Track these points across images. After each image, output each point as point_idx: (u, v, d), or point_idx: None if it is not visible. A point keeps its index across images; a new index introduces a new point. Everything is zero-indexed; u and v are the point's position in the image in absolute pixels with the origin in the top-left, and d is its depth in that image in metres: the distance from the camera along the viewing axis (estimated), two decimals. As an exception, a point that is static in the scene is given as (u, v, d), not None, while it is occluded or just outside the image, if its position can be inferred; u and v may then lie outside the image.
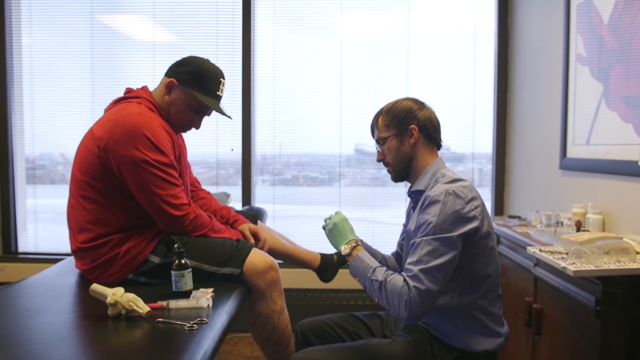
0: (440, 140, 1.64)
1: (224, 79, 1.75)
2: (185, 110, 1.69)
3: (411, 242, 1.46)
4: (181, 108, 1.69)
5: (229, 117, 1.79)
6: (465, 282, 1.47)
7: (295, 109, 3.27)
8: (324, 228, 1.64)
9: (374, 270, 1.46)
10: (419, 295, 1.36)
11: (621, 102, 1.97)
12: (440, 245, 1.38)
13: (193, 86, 1.67)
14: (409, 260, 1.43)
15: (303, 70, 3.24)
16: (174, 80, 1.68)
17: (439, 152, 1.66)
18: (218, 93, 1.73)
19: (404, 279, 1.39)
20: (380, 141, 1.61)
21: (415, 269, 1.38)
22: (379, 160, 1.64)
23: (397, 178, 1.64)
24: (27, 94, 3.31)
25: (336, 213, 1.64)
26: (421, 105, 1.62)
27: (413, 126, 1.57)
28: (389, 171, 1.64)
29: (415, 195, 1.59)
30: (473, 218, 1.41)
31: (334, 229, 1.60)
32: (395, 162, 1.60)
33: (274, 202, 3.30)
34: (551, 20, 2.56)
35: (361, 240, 1.63)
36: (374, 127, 1.65)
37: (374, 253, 1.71)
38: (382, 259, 1.73)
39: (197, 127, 1.76)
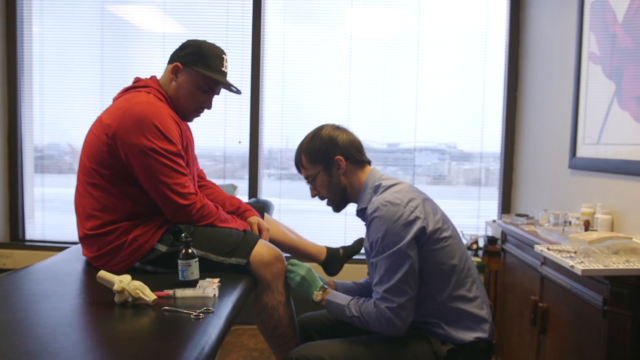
0: (367, 157, 1.64)
1: (225, 55, 1.76)
2: (195, 91, 1.70)
3: (370, 261, 1.53)
4: (191, 89, 1.69)
5: (238, 91, 1.78)
6: (436, 280, 1.50)
7: (303, 103, 3.27)
8: (290, 279, 1.67)
9: (348, 307, 1.54)
10: (393, 312, 1.43)
11: (634, 101, 1.95)
12: (394, 259, 1.43)
13: (198, 65, 1.68)
14: (373, 281, 1.50)
15: (312, 65, 3.23)
16: (178, 64, 1.68)
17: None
18: (223, 69, 1.73)
19: (374, 304, 1.46)
20: (309, 179, 1.64)
21: (380, 290, 1.45)
22: (313, 196, 1.67)
23: (338, 208, 1.68)
24: (37, 83, 3.32)
25: (299, 265, 1.67)
26: (338, 130, 1.62)
27: (338, 157, 1.57)
28: (327, 204, 1.67)
29: (362, 214, 1.62)
30: (415, 219, 1.44)
31: (303, 281, 1.64)
32: (330, 195, 1.63)
33: (280, 196, 3.31)
34: (564, 18, 2.54)
35: (333, 281, 1.76)
36: (298, 165, 1.67)
37: (347, 287, 1.78)
38: (357, 289, 1.78)
39: (209, 107, 1.76)
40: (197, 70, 1.68)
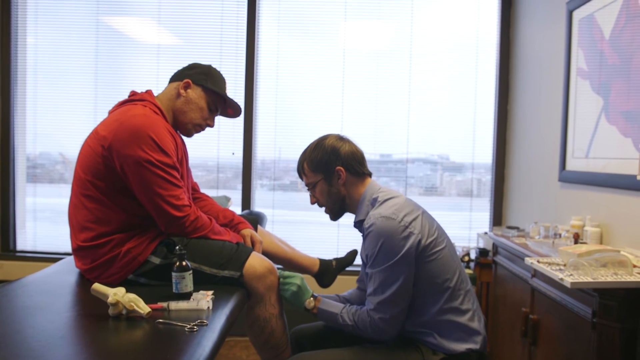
0: (368, 170, 1.67)
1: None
2: (204, 106, 1.79)
3: (366, 271, 1.56)
4: (200, 104, 1.78)
5: (237, 114, 1.92)
6: (429, 293, 1.52)
7: (296, 114, 3.30)
8: (284, 290, 1.69)
9: (341, 315, 1.59)
10: (385, 323, 1.49)
11: (621, 116, 2.00)
12: (389, 273, 1.46)
13: (208, 83, 1.78)
14: (367, 291, 1.54)
15: (306, 76, 3.26)
16: (189, 80, 1.76)
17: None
18: (226, 92, 1.85)
19: (368, 313, 1.51)
20: (309, 186, 1.67)
21: (374, 301, 1.50)
22: (312, 203, 1.70)
23: (335, 217, 1.71)
24: (31, 93, 3.32)
25: (293, 276, 1.69)
26: (342, 141, 1.65)
27: (338, 167, 1.60)
28: (325, 212, 1.70)
29: (359, 226, 1.65)
30: (409, 235, 1.47)
31: (299, 290, 1.67)
32: (329, 204, 1.66)
33: (273, 207, 3.31)
34: (553, 34, 2.59)
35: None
36: (300, 172, 1.70)
37: (332, 298, 1.82)
38: (341, 302, 1.80)
39: (212, 125, 1.86)
40: (209, 88, 1.77)
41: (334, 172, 1.61)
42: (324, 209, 1.70)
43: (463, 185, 3.39)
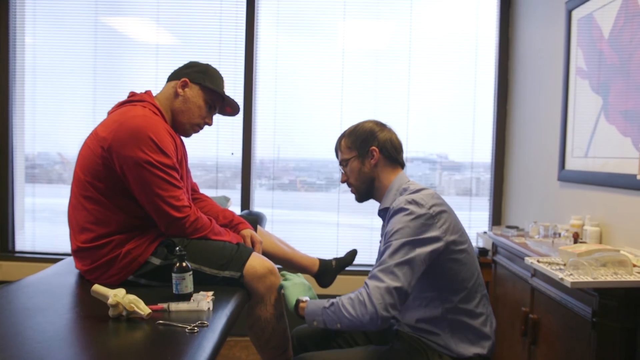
0: (403, 160, 1.67)
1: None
2: (202, 105, 1.77)
3: (381, 250, 1.51)
4: (199, 103, 1.76)
5: (235, 112, 1.90)
6: (445, 289, 1.49)
7: (296, 114, 3.29)
8: (280, 288, 1.65)
9: (328, 301, 1.47)
10: (379, 291, 1.36)
11: (620, 116, 2.00)
12: (401, 246, 1.41)
13: (206, 82, 1.76)
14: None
15: (305, 76, 3.26)
16: (186, 79, 1.75)
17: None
18: (224, 90, 1.84)
19: (360, 291, 1.41)
20: (343, 163, 1.66)
21: (376, 270, 1.41)
22: (342, 182, 1.69)
23: (360, 198, 1.69)
24: (29, 93, 3.31)
25: (291, 278, 1.64)
26: (382, 127, 1.65)
27: (373, 147, 1.61)
28: (352, 192, 1.69)
29: (383, 214, 1.63)
30: (434, 224, 1.44)
31: (301, 285, 1.60)
32: (357, 183, 1.65)
33: (272, 207, 3.31)
34: (552, 33, 2.59)
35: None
36: (337, 149, 1.70)
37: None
38: None
39: (210, 123, 1.84)
40: (206, 86, 1.76)
41: (368, 151, 1.61)
42: (351, 189, 1.68)
43: (462, 184, 3.39)
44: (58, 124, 3.32)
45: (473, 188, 3.34)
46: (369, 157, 1.61)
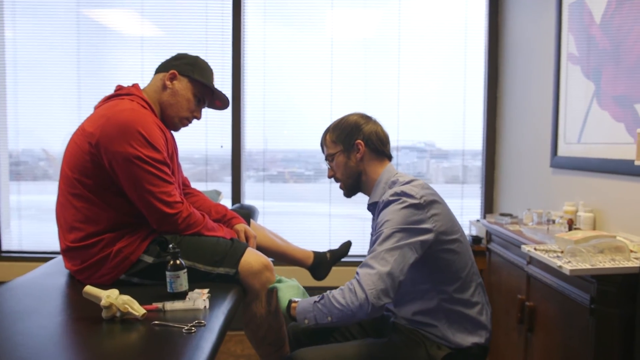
0: (389, 152, 1.66)
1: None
2: (191, 98, 1.72)
3: (371, 243, 1.51)
4: (187, 96, 1.71)
5: (225, 106, 1.85)
6: (440, 279, 1.49)
7: (285, 105, 3.25)
8: (271, 290, 1.65)
9: (318, 296, 1.45)
10: (370, 278, 1.35)
11: (612, 101, 1.99)
12: (392, 233, 1.40)
13: (195, 74, 1.71)
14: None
15: (293, 66, 3.21)
16: (175, 71, 1.69)
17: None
18: (214, 83, 1.78)
19: (354, 276, 1.41)
20: (329, 158, 1.65)
21: (366, 259, 1.41)
22: (329, 177, 1.67)
23: (348, 193, 1.68)
24: (11, 88, 3.22)
25: (285, 281, 1.64)
26: (367, 119, 1.64)
27: (359, 141, 1.59)
28: (340, 187, 1.67)
29: (373, 208, 1.62)
30: (425, 215, 1.43)
31: (295, 287, 1.60)
32: (344, 178, 1.63)
33: (263, 199, 3.28)
34: (542, 19, 2.58)
35: None
36: (322, 144, 1.68)
37: None
38: None
39: (199, 117, 1.79)
40: (195, 79, 1.70)
41: (353, 144, 1.59)
42: (338, 184, 1.67)
43: (449, 172, 3.39)
44: (42, 119, 3.24)
45: (461, 176, 3.33)
46: (354, 150, 1.59)
